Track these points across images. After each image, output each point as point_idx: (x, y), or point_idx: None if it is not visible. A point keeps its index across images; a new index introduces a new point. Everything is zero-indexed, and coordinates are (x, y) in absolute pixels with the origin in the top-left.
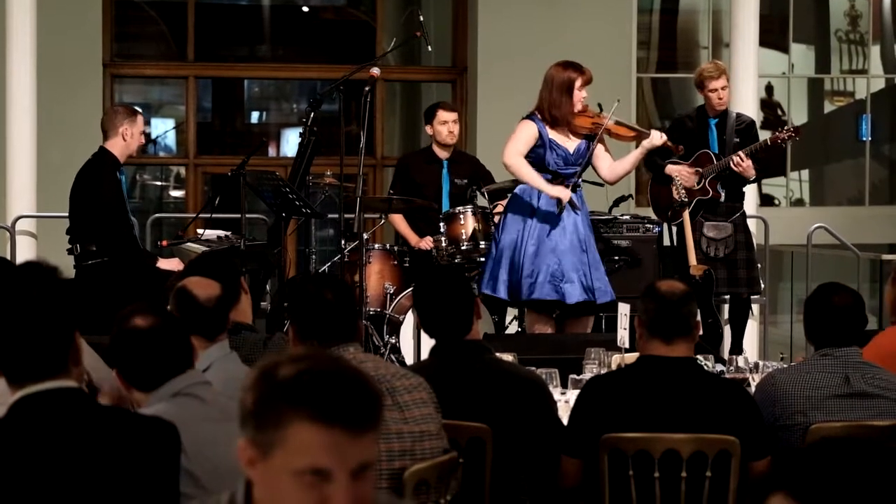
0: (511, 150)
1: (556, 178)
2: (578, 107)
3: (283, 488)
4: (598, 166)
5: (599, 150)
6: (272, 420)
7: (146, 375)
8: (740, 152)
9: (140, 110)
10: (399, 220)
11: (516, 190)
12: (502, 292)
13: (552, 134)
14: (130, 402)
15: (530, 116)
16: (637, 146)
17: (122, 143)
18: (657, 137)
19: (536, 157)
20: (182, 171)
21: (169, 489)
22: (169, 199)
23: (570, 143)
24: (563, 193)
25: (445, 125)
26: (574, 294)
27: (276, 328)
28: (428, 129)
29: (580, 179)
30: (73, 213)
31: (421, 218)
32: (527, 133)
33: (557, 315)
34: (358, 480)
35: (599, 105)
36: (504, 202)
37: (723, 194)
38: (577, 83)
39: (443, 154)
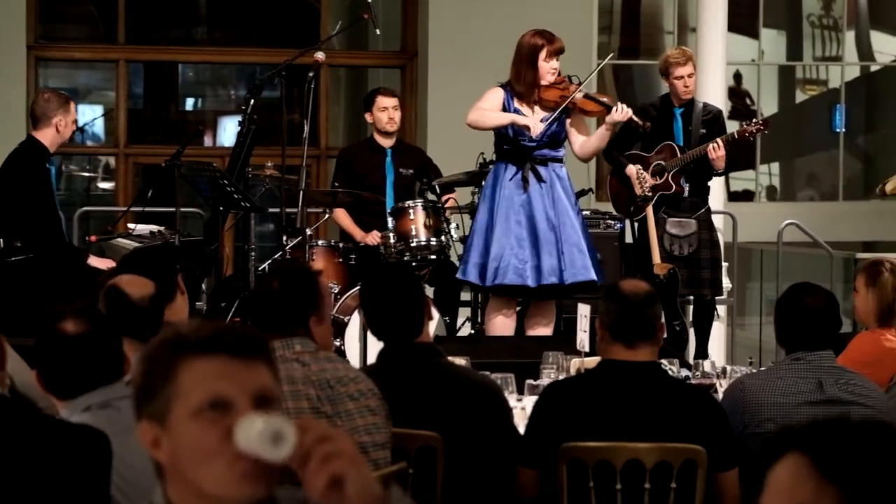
0: (474, 107)
1: (517, 151)
2: (549, 79)
3: (189, 439)
4: (571, 141)
5: (571, 125)
6: (161, 379)
7: (68, 384)
8: (718, 139)
9: (71, 97)
10: (342, 215)
11: (492, 169)
12: (472, 275)
13: (517, 104)
14: None
15: (502, 85)
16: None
17: (55, 133)
18: (620, 112)
19: (503, 129)
20: (111, 161)
21: (100, 500)
22: (97, 191)
23: (537, 115)
24: (535, 125)
25: (385, 111)
26: (536, 277)
27: None
28: (368, 118)
29: (559, 153)
30: None
31: (366, 212)
32: (492, 98)
33: (522, 299)
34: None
35: (569, 77)
36: (455, 195)
37: (686, 189)
38: (543, 53)
39: (385, 143)
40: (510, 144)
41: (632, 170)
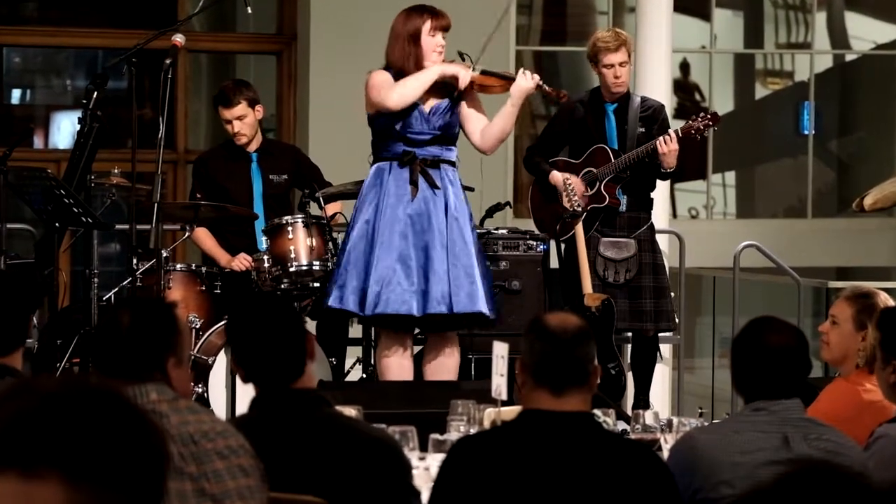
0: (378, 93)
1: (406, 152)
2: (436, 58)
3: None
4: (468, 130)
5: (465, 109)
6: None
7: None
8: (670, 131)
9: None
10: (204, 236)
11: (371, 171)
12: (352, 303)
13: None
14: None
15: (383, 69)
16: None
17: None
18: (525, 79)
19: (385, 120)
20: None
21: None
22: None
23: (429, 101)
24: (463, 74)
25: (230, 125)
26: (422, 304)
27: (45, 373)
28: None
29: (451, 152)
30: None
31: (233, 230)
32: (384, 77)
33: (419, 333)
34: None
35: (461, 53)
36: (342, 209)
37: (623, 202)
38: (426, 27)
39: (250, 145)
40: (395, 140)
41: (558, 178)
